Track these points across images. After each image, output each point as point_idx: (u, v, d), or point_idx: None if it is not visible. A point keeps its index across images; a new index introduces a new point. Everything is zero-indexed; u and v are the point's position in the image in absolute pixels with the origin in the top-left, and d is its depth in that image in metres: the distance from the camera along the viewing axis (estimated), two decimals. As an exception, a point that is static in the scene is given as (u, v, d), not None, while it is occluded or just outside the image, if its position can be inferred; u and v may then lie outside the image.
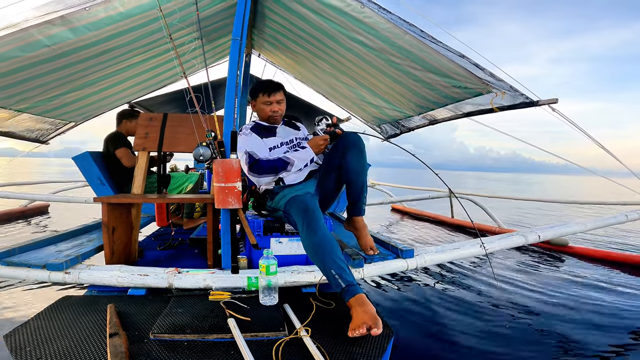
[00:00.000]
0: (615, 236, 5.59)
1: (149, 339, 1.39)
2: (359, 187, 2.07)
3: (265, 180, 2.20)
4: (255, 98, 2.33)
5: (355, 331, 1.40)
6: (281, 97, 2.33)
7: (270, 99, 2.28)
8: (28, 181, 8.81)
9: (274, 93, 2.29)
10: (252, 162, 2.14)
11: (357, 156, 2.01)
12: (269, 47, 4.12)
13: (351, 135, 2.05)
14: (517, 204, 10.56)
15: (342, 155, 2.03)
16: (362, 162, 2.04)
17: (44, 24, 2.05)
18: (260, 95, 2.29)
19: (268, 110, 2.29)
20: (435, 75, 2.62)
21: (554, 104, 2.26)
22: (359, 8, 2.32)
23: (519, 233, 2.58)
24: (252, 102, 2.37)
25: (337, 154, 2.07)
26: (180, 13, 2.44)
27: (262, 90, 2.29)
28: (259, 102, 2.31)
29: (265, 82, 2.33)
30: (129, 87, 3.78)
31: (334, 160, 2.09)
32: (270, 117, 2.32)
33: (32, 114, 3.22)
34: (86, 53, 2.55)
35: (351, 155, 2.01)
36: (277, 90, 2.30)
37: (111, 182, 3.40)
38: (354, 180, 2.06)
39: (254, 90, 2.34)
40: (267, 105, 2.29)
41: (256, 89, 2.33)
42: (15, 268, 1.92)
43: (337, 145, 2.09)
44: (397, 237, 5.27)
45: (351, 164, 2.02)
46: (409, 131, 4.21)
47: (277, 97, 2.30)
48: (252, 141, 2.24)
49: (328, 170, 2.14)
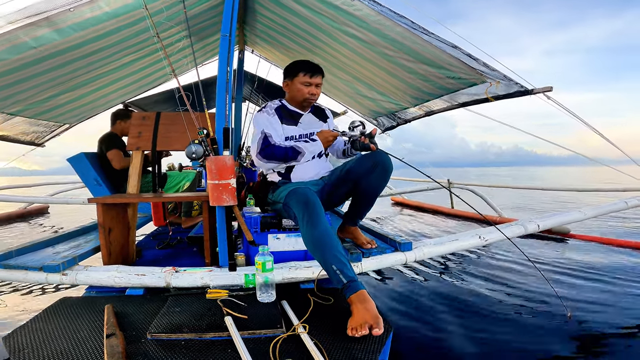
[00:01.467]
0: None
1: (146, 339, 1.39)
2: (369, 205, 2.09)
3: (270, 166, 2.14)
4: (293, 77, 2.17)
5: (355, 330, 1.38)
6: (321, 81, 2.19)
7: (312, 80, 2.14)
8: (27, 184, 8.80)
9: (316, 75, 2.15)
10: (266, 145, 2.07)
11: (382, 178, 1.97)
12: (261, 43, 4.10)
13: (383, 156, 1.95)
14: (519, 193, 10.56)
15: (370, 170, 1.95)
16: (384, 185, 2.01)
17: (29, 25, 2.03)
18: (300, 75, 2.14)
19: (306, 91, 2.15)
20: (429, 67, 2.60)
21: (549, 91, 2.25)
22: (348, 1, 2.30)
23: (518, 222, 2.57)
24: (287, 82, 2.22)
25: (363, 167, 1.98)
26: (167, 12, 2.41)
27: (303, 69, 2.14)
28: (297, 82, 2.15)
29: (307, 61, 2.17)
30: (122, 87, 3.77)
31: (355, 173, 2.01)
32: (305, 99, 2.18)
33: (26, 116, 3.21)
34: (74, 54, 2.53)
35: (378, 175, 1.94)
36: (320, 73, 2.17)
37: (107, 183, 3.40)
38: (369, 199, 2.05)
39: (292, 69, 2.18)
40: (306, 87, 2.15)
41: (296, 67, 2.17)
42: (13, 271, 1.92)
43: (366, 158, 1.99)
44: (398, 230, 5.28)
45: (374, 183, 1.97)
46: (405, 123, 4.20)
47: (318, 80, 2.16)
48: (272, 123, 2.15)
49: (345, 179, 2.07)
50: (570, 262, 3.38)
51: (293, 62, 2.20)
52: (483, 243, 2.35)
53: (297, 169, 2.17)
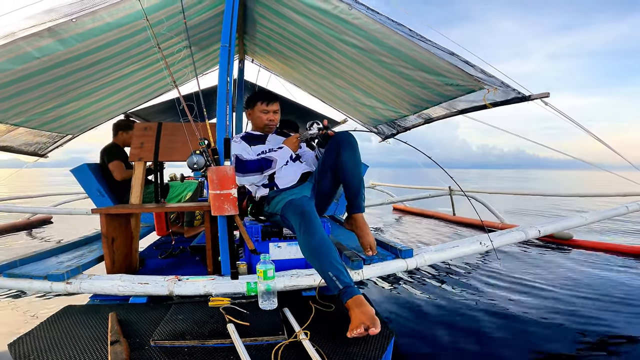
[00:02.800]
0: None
1: (150, 346, 1.40)
2: (356, 183, 2.06)
3: (250, 180, 2.24)
4: (253, 106, 2.43)
5: (353, 332, 1.40)
6: (277, 107, 2.46)
7: (268, 108, 2.41)
8: (30, 194, 8.82)
9: (272, 103, 2.42)
10: (239, 162, 2.20)
11: (350, 152, 2.03)
12: (261, 52, 4.14)
13: (342, 134, 2.09)
14: (522, 199, 10.55)
15: (336, 154, 2.05)
16: (356, 158, 2.05)
17: (32, 35, 2.06)
18: (258, 104, 2.41)
19: (265, 118, 2.42)
20: (427, 74, 2.63)
21: (546, 98, 2.27)
22: (347, 10, 2.33)
23: (519, 229, 2.58)
24: (249, 111, 2.47)
25: (331, 154, 2.09)
26: (167, 22, 2.45)
27: (260, 99, 2.41)
28: (257, 110, 2.42)
29: (263, 91, 2.45)
30: (124, 98, 3.80)
31: (328, 160, 2.11)
32: (265, 125, 2.44)
33: (29, 127, 3.23)
34: (77, 64, 2.56)
35: (344, 152, 2.02)
36: (274, 101, 2.45)
37: (110, 193, 3.42)
38: (350, 177, 2.06)
39: (252, 99, 2.44)
40: (264, 114, 2.42)
41: (254, 97, 2.44)
42: (18, 279, 1.95)
43: (330, 145, 2.11)
44: (399, 237, 5.27)
45: (345, 161, 2.03)
46: (405, 131, 4.22)
47: (274, 107, 2.44)
48: (241, 146, 2.34)
49: (324, 170, 2.16)
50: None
51: (252, 94, 2.51)
52: (484, 249, 2.35)
53: (278, 175, 2.27)
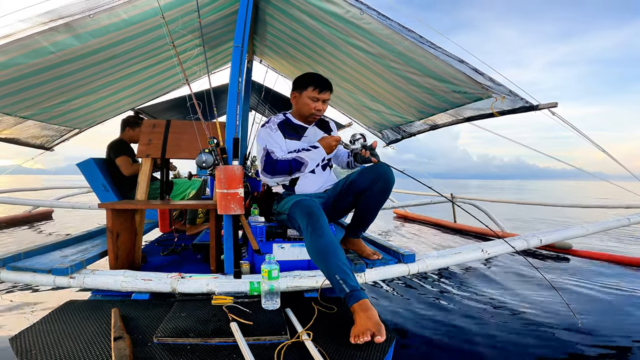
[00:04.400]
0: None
1: (153, 343, 1.41)
2: (371, 218, 2.13)
3: (276, 180, 2.15)
4: (302, 90, 2.14)
5: (358, 338, 1.40)
6: (329, 97, 2.16)
7: (320, 96, 2.12)
8: (33, 187, 8.86)
9: (325, 91, 2.12)
10: (269, 161, 2.08)
11: (384, 191, 2.02)
12: (270, 53, 4.16)
13: (385, 168, 2.00)
14: (522, 209, 10.54)
15: (371, 184, 2.00)
16: (386, 197, 2.06)
17: (49, 30, 2.09)
18: (309, 88, 2.11)
19: (313, 106, 2.13)
20: (435, 81, 2.64)
21: (554, 107, 2.27)
22: (358, 14, 2.35)
23: (520, 237, 2.58)
24: (295, 93, 2.19)
25: (364, 180, 2.02)
26: (182, 20, 2.47)
27: (314, 83, 2.10)
28: (305, 95, 2.13)
29: (317, 76, 2.14)
30: (133, 94, 3.83)
31: (358, 185, 2.05)
32: (311, 114, 2.17)
33: (38, 120, 3.26)
34: (90, 60, 2.59)
35: (380, 188, 2.00)
36: (328, 89, 2.14)
37: (115, 189, 3.43)
38: (371, 211, 2.10)
39: (303, 81, 2.14)
40: (313, 101, 2.13)
41: (306, 80, 2.13)
42: (21, 273, 1.96)
43: (367, 172, 2.03)
44: (400, 242, 5.27)
45: (376, 195, 2.02)
46: (410, 136, 4.22)
47: (326, 96, 2.14)
48: (275, 138, 2.14)
49: (347, 192, 2.11)
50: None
51: (304, 75, 2.18)
52: (485, 256, 2.36)
53: (301, 181, 2.19)
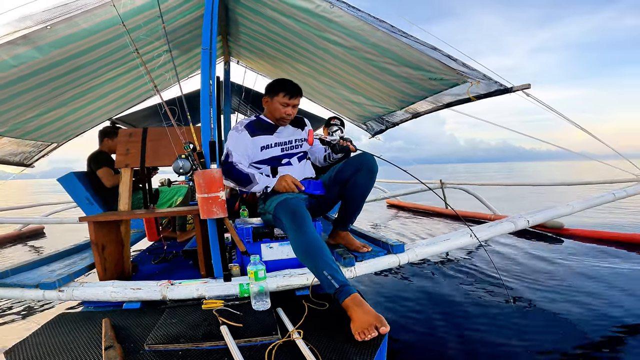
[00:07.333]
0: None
1: (144, 350, 1.41)
2: (358, 207, 2.14)
3: (227, 183, 2.16)
4: (274, 96, 2.20)
5: (364, 334, 1.38)
6: (298, 102, 2.25)
7: (290, 102, 2.20)
8: (21, 205, 8.73)
9: (295, 97, 2.21)
10: (225, 162, 2.12)
11: (368, 179, 2.03)
12: (246, 53, 4.13)
13: (368, 157, 2.04)
14: (511, 190, 10.66)
15: (354, 173, 2.03)
16: (370, 185, 2.07)
17: (7, 44, 2.03)
18: (280, 95, 2.18)
19: (283, 111, 2.20)
20: (411, 69, 2.65)
21: (527, 89, 2.30)
22: (328, 8, 2.34)
23: (508, 219, 2.60)
24: (267, 98, 2.25)
25: (348, 170, 2.05)
26: (146, 27, 2.42)
27: (284, 90, 2.18)
28: (276, 101, 2.20)
29: (288, 82, 2.23)
30: (107, 104, 3.76)
31: (343, 174, 2.07)
32: (281, 118, 2.24)
33: (12, 137, 3.19)
34: (55, 72, 2.52)
35: (363, 176, 2.02)
36: (298, 95, 2.23)
37: (99, 201, 3.38)
38: (357, 200, 2.10)
39: (274, 87, 2.22)
40: (283, 107, 2.20)
41: (277, 86, 2.21)
42: (10, 289, 1.95)
43: (350, 162, 2.07)
44: (394, 232, 5.30)
45: (360, 184, 2.03)
46: (394, 126, 4.24)
47: (296, 102, 2.23)
48: (238, 140, 2.19)
49: (334, 182, 2.13)
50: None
51: (276, 81, 2.25)
52: (475, 241, 2.37)
53: (280, 173, 2.20)
